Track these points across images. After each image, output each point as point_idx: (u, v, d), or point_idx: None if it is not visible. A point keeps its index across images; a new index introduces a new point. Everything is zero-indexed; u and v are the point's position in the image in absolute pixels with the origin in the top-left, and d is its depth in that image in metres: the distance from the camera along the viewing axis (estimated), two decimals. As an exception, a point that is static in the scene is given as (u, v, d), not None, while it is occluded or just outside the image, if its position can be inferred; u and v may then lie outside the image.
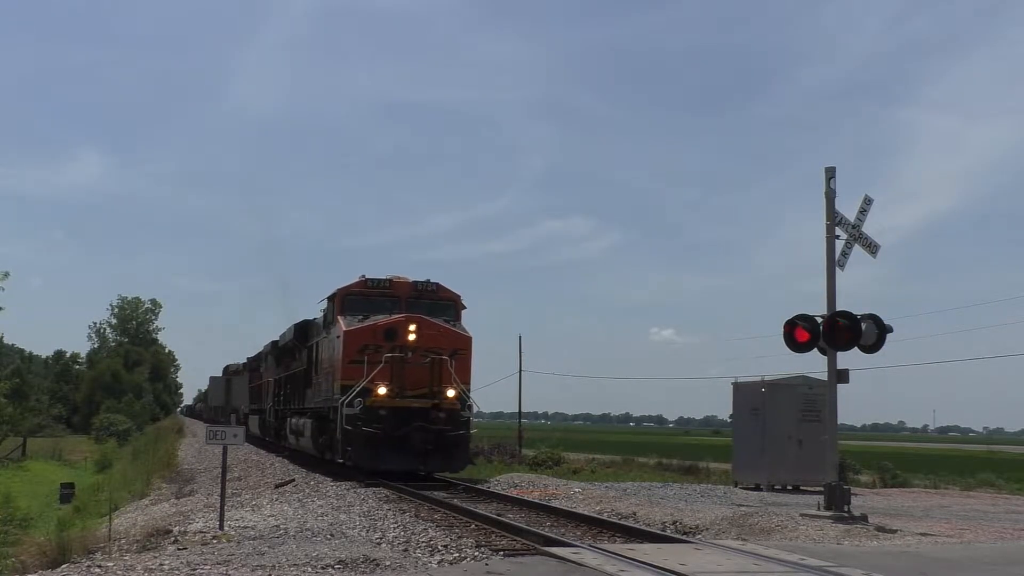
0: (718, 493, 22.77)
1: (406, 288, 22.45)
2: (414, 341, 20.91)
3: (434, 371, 20.72)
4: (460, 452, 21.25)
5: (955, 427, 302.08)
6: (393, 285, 22.46)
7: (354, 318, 21.76)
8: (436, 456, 20.56)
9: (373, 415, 20.25)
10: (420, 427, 20.30)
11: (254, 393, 39.53)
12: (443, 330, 21.64)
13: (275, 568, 9.54)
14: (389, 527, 13.33)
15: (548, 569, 9.81)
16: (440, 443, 20.49)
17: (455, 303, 22.94)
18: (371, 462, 20.25)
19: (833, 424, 16.99)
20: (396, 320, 21.37)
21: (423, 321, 21.35)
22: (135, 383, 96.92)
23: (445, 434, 20.55)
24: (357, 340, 21.10)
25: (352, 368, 20.83)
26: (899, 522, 16.09)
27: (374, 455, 20.21)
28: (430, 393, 20.65)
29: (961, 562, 11.05)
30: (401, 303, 22.10)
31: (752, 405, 24.99)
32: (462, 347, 21.76)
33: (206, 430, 14.90)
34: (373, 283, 22.43)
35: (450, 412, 20.69)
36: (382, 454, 20.16)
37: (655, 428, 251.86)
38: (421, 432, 20.28)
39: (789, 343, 16.18)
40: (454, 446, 20.82)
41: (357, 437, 20.26)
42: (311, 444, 24.79)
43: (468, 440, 21.89)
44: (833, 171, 16.54)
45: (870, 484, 29.83)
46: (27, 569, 13.60)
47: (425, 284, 22.61)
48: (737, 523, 14.92)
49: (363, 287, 22.46)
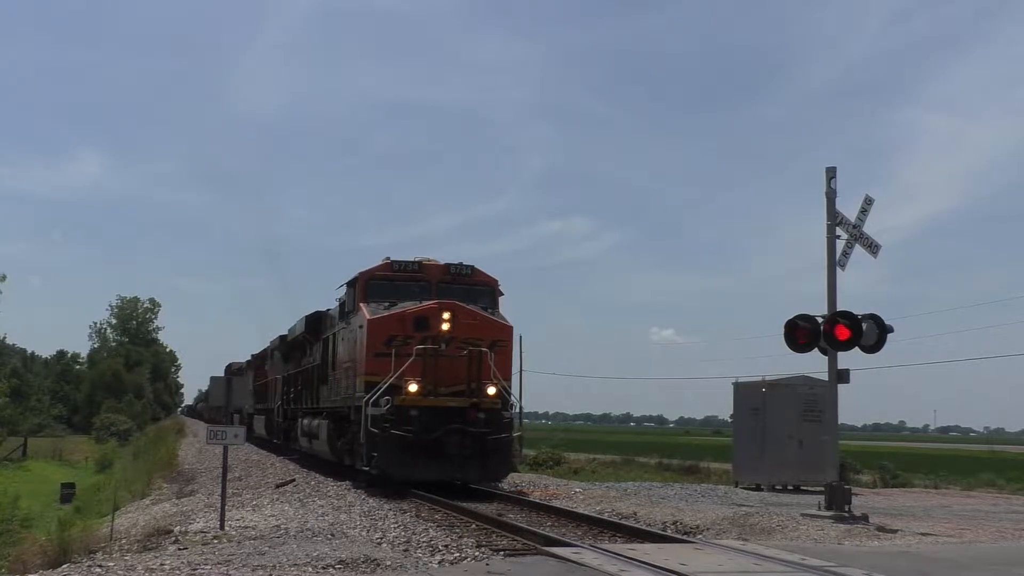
0: (719, 493, 22.77)
1: (437, 271, 19.97)
2: (449, 331, 18.45)
3: (472, 365, 18.32)
4: (502, 458, 18.81)
5: (956, 427, 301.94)
6: (423, 268, 19.93)
7: (379, 305, 19.30)
8: (475, 463, 18.19)
9: (403, 416, 17.91)
10: (457, 429, 17.95)
11: (259, 392, 38.49)
12: (481, 318, 19.16)
13: (276, 568, 9.55)
14: (390, 527, 13.34)
15: (549, 569, 9.82)
16: (480, 448, 18.09)
17: (492, 288, 20.43)
18: (401, 470, 17.90)
19: (833, 424, 17.01)
20: (428, 307, 18.81)
21: (459, 308, 18.83)
22: (136, 383, 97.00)
23: (485, 438, 18.14)
24: (383, 330, 18.66)
25: (377, 362, 18.45)
26: (900, 522, 16.10)
27: (404, 462, 17.81)
28: (468, 391, 18.30)
29: (962, 562, 11.04)
30: (432, 288, 19.60)
31: (752, 405, 25.00)
32: (503, 338, 19.38)
33: (207, 430, 14.91)
34: (400, 266, 19.89)
35: (491, 412, 18.37)
36: (413, 461, 17.78)
37: (655, 428, 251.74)
38: (458, 435, 17.94)
39: (789, 343, 16.20)
40: (495, 451, 18.38)
41: (385, 441, 17.79)
42: (327, 448, 22.44)
43: (511, 445, 19.49)
44: (833, 171, 16.56)
45: (871, 484, 29.83)
46: (28, 569, 13.60)
47: (459, 267, 20.13)
48: (738, 523, 14.92)
49: (388, 270, 19.91)
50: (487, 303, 19.95)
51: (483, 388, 18.32)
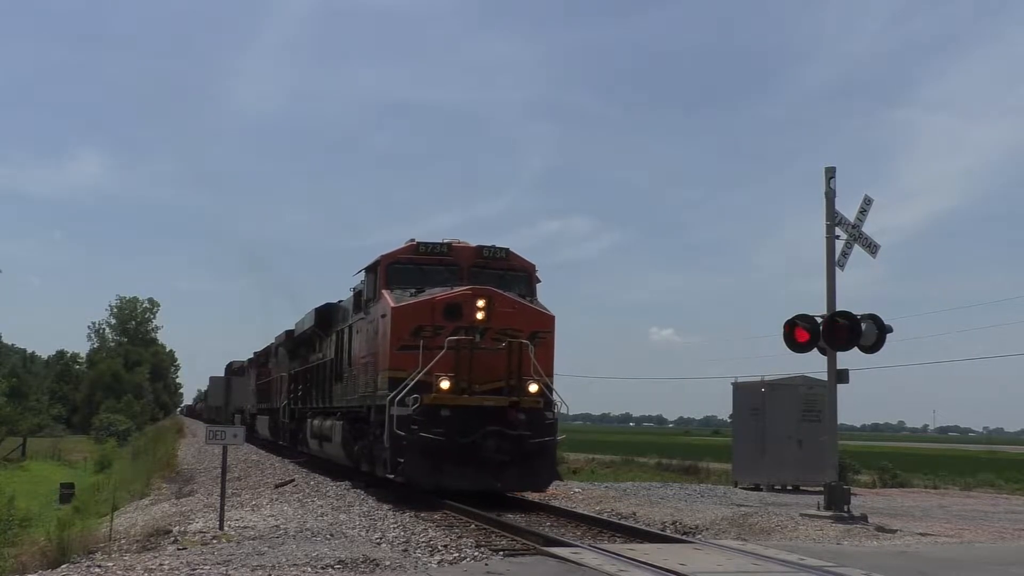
0: (718, 493, 22.79)
1: (469, 254, 18.03)
2: (484, 320, 16.60)
3: (512, 359, 16.41)
4: (545, 464, 16.74)
5: (955, 427, 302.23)
6: (452, 250, 18.00)
7: (404, 292, 17.32)
8: (514, 470, 16.23)
9: (433, 416, 15.95)
10: (495, 432, 16.02)
11: (262, 390, 37.45)
12: (520, 306, 17.27)
13: (275, 568, 9.55)
14: (389, 527, 13.33)
15: (548, 569, 9.82)
16: (520, 453, 16.20)
17: (529, 274, 18.47)
18: (431, 478, 15.96)
19: (833, 424, 17.02)
20: (460, 293, 16.85)
21: (495, 295, 16.92)
22: (135, 383, 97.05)
23: (526, 441, 16.23)
24: (410, 319, 16.66)
25: (403, 356, 16.48)
26: (899, 522, 16.11)
27: (435, 469, 15.89)
28: (507, 388, 16.37)
29: (961, 562, 11.06)
30: (462, 273, 17.69)
31: (752, 405, 25.00)
32: (544, 329, 17.31)
33: (206, 430, 14.90)
34: (427, 248, 17.91)
35: (532, 412, 16.46)
36: (445, 468, 15.89)
37: (655, 428, 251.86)
38: (496, 439, 16.01)
39: (789, 343, 16.21)
40: (537, 456, 16.47)
41: (412, 445, 15.83)
42: (341, 452, 20.38)
43: (555, 449, 17.45)
44: (833, 171, 16.58)
45: (870, 484, 29.85)
46: (27, 569, 13.60)
47: (492, 250, 18.14)
48: (737, 523, 14.94)
49: (413, 253, 17.88)
50: (524, 290, 18.07)
51: (524, 385, 16.42)
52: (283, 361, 31.90)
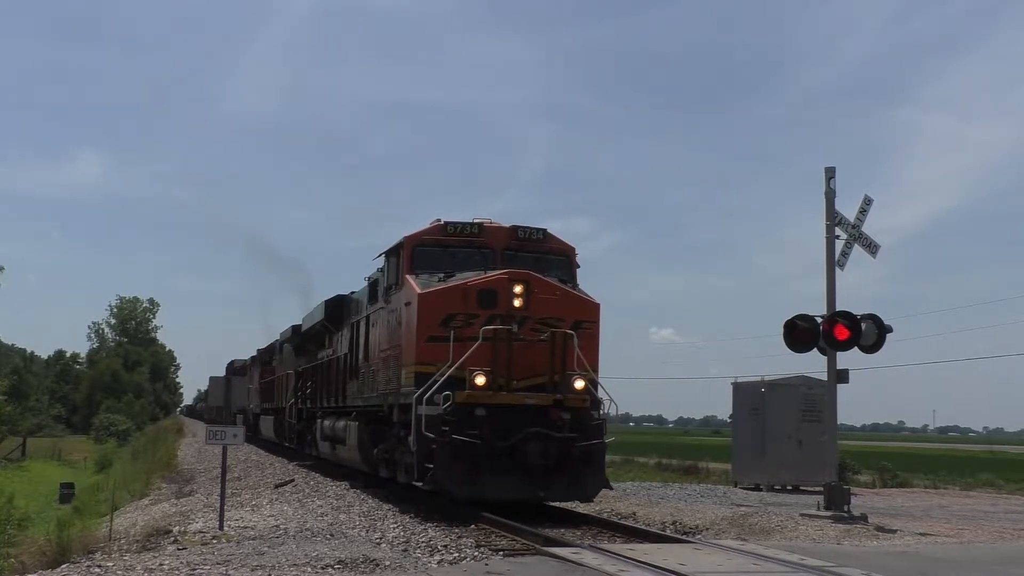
0: (718, 493, 22.79)
1: (502, 235, 16.26)
2: (523, 308, 14.93)
3: (555, 352, 14.75)
4: (594, 471, 14.97)
5: (955, 427, 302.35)
6: (484, 231, 16.21)
7: (431, 277, 15.61)
8: (560, 477, 14.44)
9: (466, 417, 14.21)
10: (537, 434, 14.24)
11: (266, 390, 36.54)
12: (562, 293, 15.52)
13: (275, 568, 9.55)
14: (389, 527, 13.34)
15: (548, 569, 9.82)
16: (566, 458, 14.44)
17: (569, 258, 16.74)
18: (467, 486, 14.13)
19: (833, 424, 17.03)
20: (496, 278, 15.13)
21: (534, 280, 15.21)
22: (135, 383, 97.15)
23: (573, 445, 14.48)
24: (439, 307, 14.92)
25: (431, 348, 14.76)
26: (899, 522, 16.12)
27: (471, 476, 14.07)
28: (550, 384, 14.71)
29: (960, 562, 11.07)
30: (495, 256, 15.98)
31: (752, 405, 25.02)
32: (588, 318, 15.59)
33: (206, 430, 14.90)
34: (455, 228, 16.15)
35: (578, 413, 14.78)
36: (482, 475, 14.08)
37: (655, 428, 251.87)
38: (539, 442, 14.22)
39: (789, 343, 16.22)
40: (585, 462, 14.69)
41: (444, 449, 14.05)
42: (357, 456, 18.76)
43: (604, 454, 15.59)
44: (833, 171, 16.60)
45: (870, 484, 29.85)
46: (27, 569, 13.61)
47: (528, 230, 16.43)
48: (737, 523, 14.95)
49: (440, 234, 16.15)
50: (563, 275, 16.30)
51: (568, 381, 14.71)
52: (289, 358, 30.69)
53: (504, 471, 14.14)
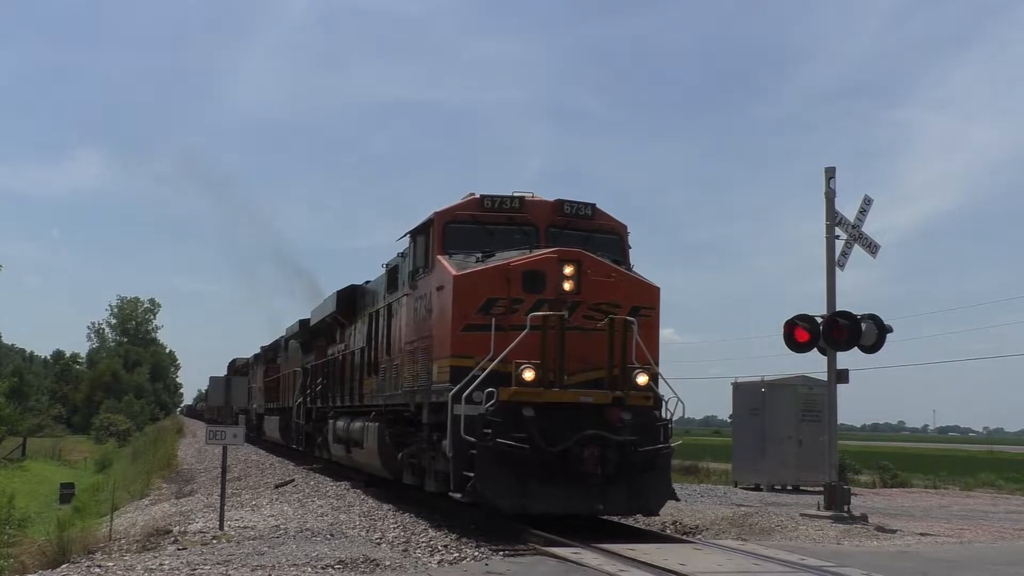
0: (718, 493, 22.77)
1: (547, 210, 14.15)
2: (574, 291, 12.91)
3: (614, 342, 12.79)
4: (659, 480, 12.89)
5: (955, 427, 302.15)
6: (526, 205, 14.08)
7: (468, 257, 13.51)
8: (621, 487, 12.45)
9: (512, 417, 12.14)
10: (594, 437, 12.23)
11: (271, 388, 35.24)
12: (618, 275, 13.46)
13: (275, 568, 9.56)
14: (389, 527, 13.34)
15: (548, 569, 9.83)
16: (627, 465, 12.45)
17: (621, 237, 14.68)
18: (512, 498, 12.10)
19: (833, 424, 17.03)
20: (543, 257, 13.08)
21: (587, 259, 13.18)
22: (135, 383, 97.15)
23: (635, 450, 12.49)
24: (478, 291, 12.87)
25: (469, 338, 12.70)
26: (899, 522, 16.13)
27: (517, 486, 12.07)
28: (608, 379, 12.75)
29: (961, 562, 11.07)
30: (539, 233, 13.89)
31: (752, 405, 25.01)
32: (648, 303, 13.51)
33: (206, 430, 14.92)
34: (493, 202, 14.04)
35: (640, 412, 12.74)
36: (531, 485, 12.09)
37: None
38: (596, 446, 12.21)
39: (789, 343, 16.22)
40: (649, 470, 12.69)
41: (487, 455, 12.02)
42: (377, 460, 16.76)
43: (670, 460, 13.58)
44: (833, 171, 16.61)
45: (870, 484, 29.84)
46: (27, 569, 13.62)
47: (575, 205, 14.31)
48: (737, 523, 14.94)
49: (476, 209, 14.06)
50: (615, 255, 14.22)
51: (630, 376, 12.75)
52: (295, 355, 29.16)
53: (556, 481, 12.20)
